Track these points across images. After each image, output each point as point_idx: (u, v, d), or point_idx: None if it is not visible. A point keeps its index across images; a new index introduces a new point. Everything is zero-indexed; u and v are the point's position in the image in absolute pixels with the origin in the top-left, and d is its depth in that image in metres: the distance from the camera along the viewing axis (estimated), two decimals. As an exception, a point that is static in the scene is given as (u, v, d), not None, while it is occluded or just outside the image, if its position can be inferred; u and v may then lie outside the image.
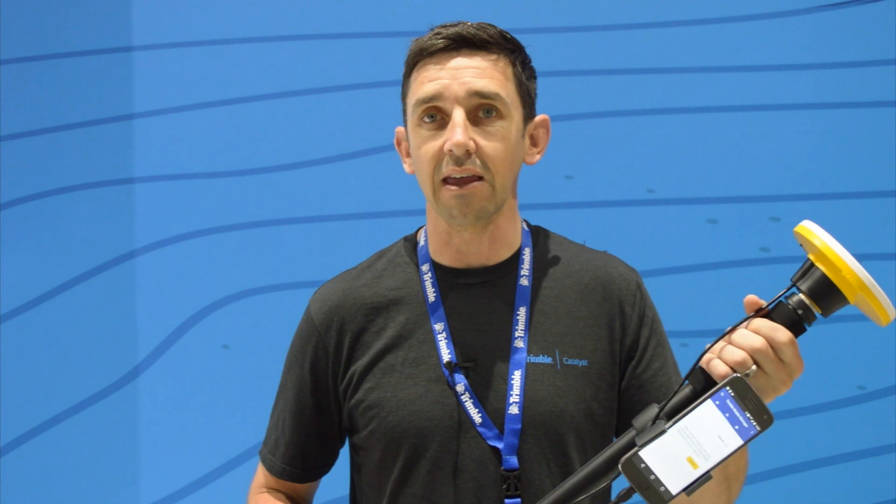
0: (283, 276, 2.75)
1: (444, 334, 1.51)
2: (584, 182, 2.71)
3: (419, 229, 1.62)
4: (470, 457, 1.48)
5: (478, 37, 1.47)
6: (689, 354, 1.60)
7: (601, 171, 2.70)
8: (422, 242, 1.58)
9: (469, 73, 1.46)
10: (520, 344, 1.50)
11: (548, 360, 1.51)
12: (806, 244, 1.20)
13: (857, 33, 2.69)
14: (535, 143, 1.55)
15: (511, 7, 2.69)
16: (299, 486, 1.64)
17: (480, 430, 1.48)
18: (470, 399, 1.49)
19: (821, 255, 1.17)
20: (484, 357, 1.50)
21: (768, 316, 1.20)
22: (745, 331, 1.19)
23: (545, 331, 1.52)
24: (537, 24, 2.71)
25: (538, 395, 1.49)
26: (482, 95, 1.45)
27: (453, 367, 1.49)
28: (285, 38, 2.79)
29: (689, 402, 1.19)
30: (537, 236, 1.60)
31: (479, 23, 1.49)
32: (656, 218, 2.69)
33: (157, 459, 2.75)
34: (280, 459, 1.61)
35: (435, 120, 1.47)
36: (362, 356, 1.54)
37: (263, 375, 2.03)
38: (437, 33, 1.48)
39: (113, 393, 2.77)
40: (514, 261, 1.55)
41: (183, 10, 2.80)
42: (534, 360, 1.50)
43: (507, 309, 1.52)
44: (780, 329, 1.18)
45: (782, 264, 2.65)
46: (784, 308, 1.20)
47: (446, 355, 1.50)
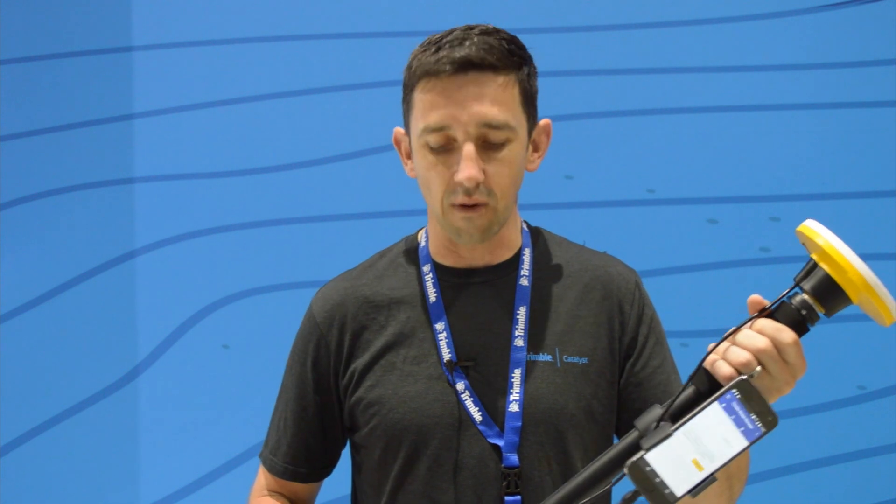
0: (283, 276, 2.75)
1: (444, 334, 1.52)
2: (584, 182, 2.71)
3: (420, 230, 1.63)
4: (470, 454, 1.48)
5: (486, 61, 1.43)
6: (689, 354, 1.60)
7: (601, 171, 2.71)
8: (423, 243, 1.59)
9: (477, 102, 1.43)
10: (520, 343, 1.51)
11: (548, 357, 1.51)
12: (809, 244, 1.19)
13: (857, 33, 2.69)
14: (536, 147, 1.54)
15: (511, 7, 2.69)
16: (300, 489, 1.63)
17: (481, 428, 1.48)
18: (470, 398, 1.49)
19: (824, 255, 1.16)
20: (484, 356, 1.51)
21: (771, 316, 1.19)
22: (749, 331, 1.18)
23: (545, 329, 1.52)
24: (537, 24, 2.71)
25: (538, 392, 1.49)
26: (491, 126, 1.43)
27: (453, 367, 1.49)
28: (285, 38, 2.79)
29: (692, 403, 1.18)
30: (537, 237, 1.61)
31: (484, 38, 1.44)
32: (656, 218, 2.69)
33: (157, 459, 2.75)
34: (282, 459, 1.61)
35: (442, 145, 1.45)
36: (363, 354, 1.54)
37: (263, 375, 2.03)
38: (443, 58, 1.43)
39: (113, 393, 2.77)
40: (514, 261, 1.56)
41: (183, 10, 2.80)
42: (534, 357, 1.51)
43: (507, 308, 1.53)
44: (784, 329, 1.17)
45: (782, 264, 2.65)
46: (787, 308, 1.19)
47: (446, 354, 1.50)
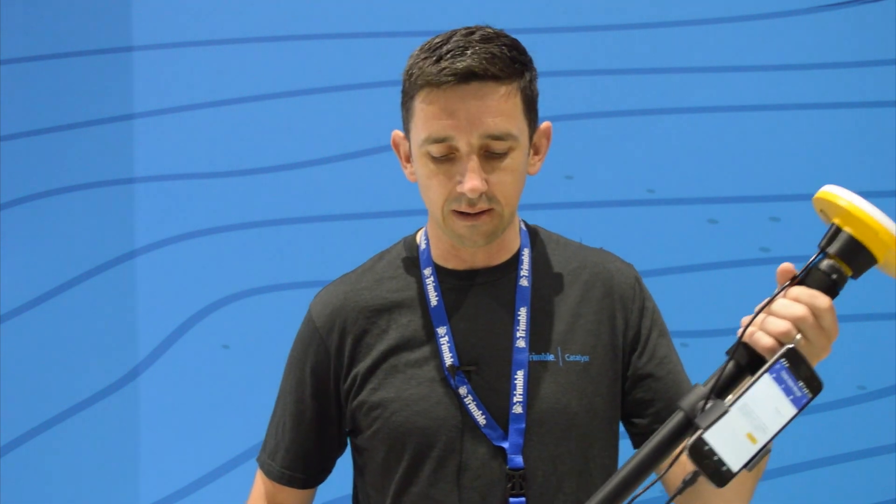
0: (283, 276, 2.75)
1: (446, 337, 1.51)
2: (584, 182, 2.71)
3: (418, 231, 1.62)
4: (474, 456, 1.48)
5: (489, 72, 1.42)
6: (689, 354, 1.60)
7: (601, 171, 2.70)
8: (423, 245, 1.58)
9: (480, 114, 1.42)
10: (521, 344, 1.51)
11: (550, 357, 1.51)
12: (830, 208, 1.18)
13: (857, 33, 2.68)
14: (536, 151, 1.54)
15: (511, 7, 2.69)
16: (298, 495, 1.63)
17: (485, 431, 1.48)
18: (473, 401, 1.49)
19: (848, 216, 1.15)
20: (487, 359, 1.51)
21: (802, 283, 1.19)
22: (785, 300, 1.18)
23: (546, 329, 1.53)
24: (537, 24, 2.71)
25: (542, 393, 1.49)
26: (494, 137, 1.43)
27: (455, 371, 1.49)
28: (285, 38, 2.78)
29: (735, 377, 1.18)
30: (535, 236, 1.61)
31: (486, 46, 1.43)
32: (656, 218, 2.69)
33: (157, 459, 2.75)
34: (280, 464, 1.61)
35: (444, 155, 1.45)
36: (364, 358, 1.54)
37: (263, 376, 2.03)
38: (445, 68, 1.41)
39: (113, 393, 2.77)
40: (513, 262, 1.56)
41: (183, 10, 2.80)
42: (536, 358, 1.51)
43: (507, 310, 1.53)
44: (819, 295, 1.17)
45: (782, 264, 2.64)
46: (817, 274, 1.18)
47: (448, 359, 1.50)
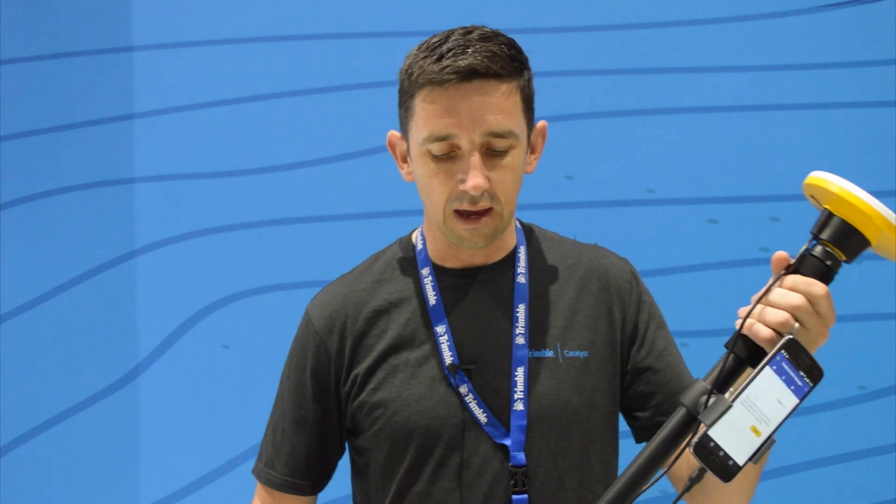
0: (283, 276, 2.75)
1: (445, 336, 1.51)
2: (584, 182, 2.71)
3: (413, 232, 1.62)
4: (476, 454, 1.48)
5: (490, 70, 1.42)
6: (689, 354, 1.60)
7: (601, 171, 2.70)
8: (419, 245, 1.58)
9: (482, 112, 1.42)
10: (521, 341, 1.51)
11: (549, 354, 1.52)
12: (820, 194, 1.18)
13: (857, 33, 2.68)
14: (532, 150, 1.54)
15: (511, 7, 2.69)
16: (300, 501, 1.61)
17: (487, 429, 1.48)
18: (474, 400, 1.49)
19: (839, 201, 1.15)
20: (486, 357, 1.51)
21: (796, 272, 1.19)
22: (781, 290, 1.18)
23: (545, 325, 1.53)
24: (537, 24, 2.71)
25: (542, 389, 1.50)
26: (496, 134, 1.43)
27: (455, 370, 1.49)
28: (285, 38, 2.78)
29: (735, 370, 1.18)
30: (530, 233, 1.61)
31: (486, 45, 1.43)
32: (656, 218, 2.69)
33: (157, 459, 2.75)
34: (281, 472, 1.59)
35: (445, 153, 1.45)
36: (364, 359, 1.54)
37: (263, 375, 2.03)
38: (447, 67, 1.42)
39: (113, 393, 2.77)
40: (510, 260, 1.56)
41: (183, 10, 2.80)
42: (535, 354, 1.51)
43: (506, 307, 1.53)
44: (814, 283, 1.17)
45: (782, 264, 2.64)
46: (811, 260, 1.18)
47: (448, 357, 1.50)
